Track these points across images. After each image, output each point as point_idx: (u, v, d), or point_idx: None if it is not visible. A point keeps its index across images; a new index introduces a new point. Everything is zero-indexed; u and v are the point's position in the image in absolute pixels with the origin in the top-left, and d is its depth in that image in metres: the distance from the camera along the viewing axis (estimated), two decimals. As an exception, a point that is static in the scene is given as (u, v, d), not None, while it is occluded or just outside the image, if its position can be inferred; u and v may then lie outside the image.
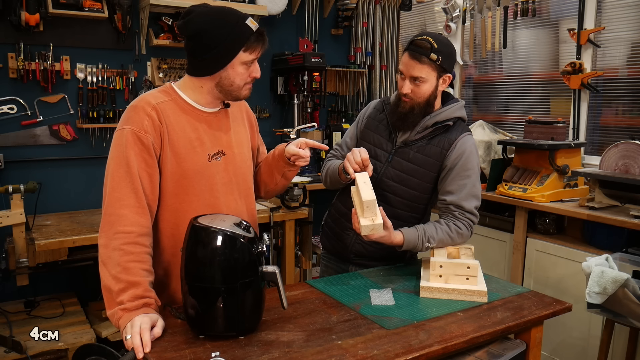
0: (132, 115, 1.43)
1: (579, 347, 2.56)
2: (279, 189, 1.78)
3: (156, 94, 1.50)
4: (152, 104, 1.44)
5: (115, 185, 1.38)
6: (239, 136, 1.63)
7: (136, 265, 1.32)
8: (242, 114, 1.69)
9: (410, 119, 1.74)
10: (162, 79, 3.32)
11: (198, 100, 1.51)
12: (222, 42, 1.41)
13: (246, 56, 1.44)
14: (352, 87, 4.22)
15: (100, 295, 1.33)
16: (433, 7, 4.09)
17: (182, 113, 1.49)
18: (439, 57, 1.66)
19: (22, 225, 2.60)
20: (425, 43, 1.66)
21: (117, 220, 1.35)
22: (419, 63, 1.66)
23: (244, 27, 1.42)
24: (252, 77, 1.49)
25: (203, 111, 1.52)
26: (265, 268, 1.31)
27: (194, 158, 1.48)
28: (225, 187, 1.55)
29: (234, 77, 1.46)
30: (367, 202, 1.54)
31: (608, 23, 2.96)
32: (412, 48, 1.68)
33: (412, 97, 1.71)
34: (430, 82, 1.70)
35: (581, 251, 2.54)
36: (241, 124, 1.66)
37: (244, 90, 1.50)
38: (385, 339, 1.29)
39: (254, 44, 1.43)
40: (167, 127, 1.45)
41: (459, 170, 1.73)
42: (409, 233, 1.69)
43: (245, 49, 1.43)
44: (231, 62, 1.44)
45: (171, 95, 1.50)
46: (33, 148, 3.05)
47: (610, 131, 3.02)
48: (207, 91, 1.50)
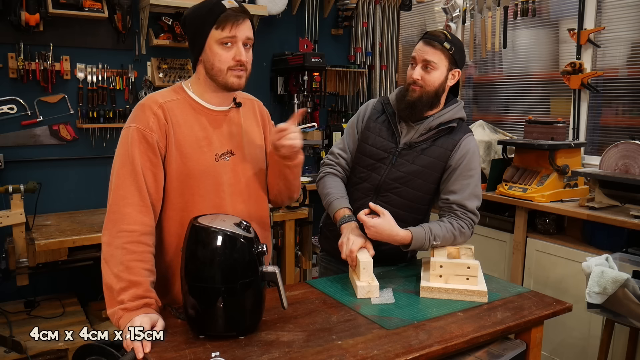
0: (139, 114, 1.44)
1: (579, 347, 2.55)
2: (283, 195, 1.68)
3: (165, 92, 1.51)
4: (159, 103, 1.45)
5: (120, 183, 1.38)
6: (250, 136, 1.60)
7: (138, 265, 1.32)
8: (255, 113, 1.65)
9: (419, 107, 1.74)
10: (162, 79, 3.32)
11: (207, 99, 1.51)
12: (195, 23, 1.43)
13: (218, 33, 1.40)
14: (352, 87, 4.22)
15: (101, 295, 1.34)
16: (433, 7, 4.09)
17: (190, 112, 1.48)
18: (452, 47, 1.71)
19: (22, 225, 2.60)
20: (439, 33, 1.73)
21: (120, 219, 1.35)
22: (432, 48, 1.70)
23: (217, 6, 1.41)
24: (236, 61, 1.43)
25: (212, 110, 1.51)
26: (265, 268, 1.31)
27: (200, 157, 1.47)
28: (232, 187, 1.52)
29: (213, 59, 1.43)
30: (364, 264, 1.56)
31: (608, 23, 2.96)
32: (427, 36, 1.74)
33: (422, 85, 1.72)
34: (440, 71, 1.72)
35: (581, 251, 2.54)
36: (254, 123, 1.63)
37: (229, 76, 1.44)
38: (385, 339, 1.29)
39: (225, 21, 1.39)
40: (174, 125, 1.44)
41: (463, 170, 1.74)
42: (417, 231, 1.68)
43: (217, 27, 1.40)
44: (207, 42, 1.42)
45: (180, 94, 1.50)
46: (33, 148, 3.05)
47: (610, 131, 3.02)
48: (203, 81, 1.49)
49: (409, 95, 1.75)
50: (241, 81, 1.47)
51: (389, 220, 1.63)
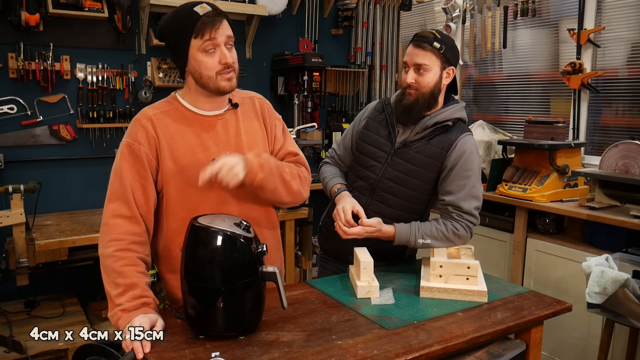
0: (130, 128, 1.47)
1: (579, 347, 2.55)
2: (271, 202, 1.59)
3: (159, 104, 1.52)
4: (149, 116, 1.46)
5: (110, 196, 1.42)
6: (251, 136, 1.56)
7: (130, 269, 1.34)
8: (255, 111, 1.60)
9: (415, 110, 1.75)
10: (162, 79, 3.32)
11: (201, 106, 1.50)
12: (174, 36, 1.42)
13: (199, 42, 1.38)
14: (352, 87, 4.22)
15: (100, 295, 1.35)
16: (433, 7, 4.09)
17: (183, 121, 1.48)
18: (442, 45, 1.70)
19: (22, 225, 2.60)
20: (428, 33, 1.72)
21: (109, 230, 1.38)
22: (422, 50, 1.70)
23: (190, 15, 1.38)
24: (223, 64, 1.41)
25: (206, 115, 1.50)
26: (265, 268, 1.31)
27: (197, 164, 1.44)
28: (234, 191, 1.47)
29: (199, 68, 1.41)
30: (364, 264, 1.57)
31: (608, 23, 2.96)
32: (416, 39, 1.73)
33: (416, 88, 1.72)
34: (433, 72, 1.72)
35: (581, 251, 2.54)
36: (255, 121, 1.59)
37: (219, 81, 1.42)
38: (385, 339, 1.29)
39: (202, 28, 1.37)
40: (165, 137, 1.44)
41: (459, 170, 1.73)
42: (401, 227, 1.72)
43: (195, 36, 1.38)
44: (190, 53, 1.41)
45: (173, 104, 1.50)
46: (33, 148, 3.05)
47: (610, 131, 3.02)
48: (194, 90, 1.48)
49: (405, 99, 1.75)
50: (232, 83, 1.45)
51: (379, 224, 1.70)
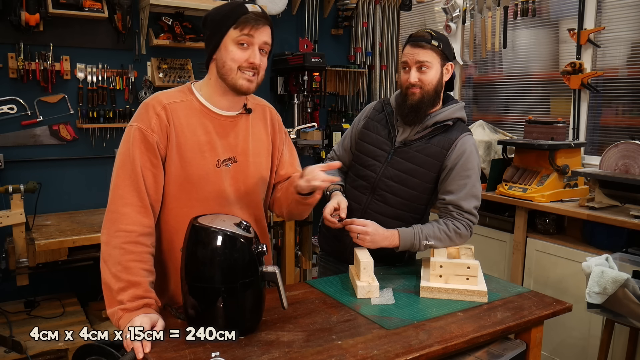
0: (142, 113, 1.43)
1: (579, 347, 2.55)
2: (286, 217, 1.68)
3: (172, 93, 1.49)
4: (163, 103, 1.43)
5: (120, 182, 1.38)
6: (257, 144, 1.57)
7: (137, 265, 1.32)
8: (265, 120, 1.61)
9: (422, 108, 1.74)
10: (162, 79, 3.32)
11: (215, 103, 1.49)
12: (216, 21, 1.43)
13: (236, 33, 1.39)
14: (352, 87, 4.22)
15: (101, 295, 1.34)
16: (433, 7, 4.09)
17: (195, 115, 1.47)
18: (440, 43, 1.71)
19: (22, 225, 2.60)
20: (424, 33, 1.73)
21: (118, 218, 1.35)
22: (422, 49, 1.70)
23: (239, 8, 1.41)
24: (248, 63, 1.41)
25: (219, 114, 1.49)
26: (265, 268, 1.31)
27: (201, 163, 1.45)
28: (231, 195, 1.50)
29: (226, 57, 1.41)
30: (364, 264, 1.57)
31: (608, 23, 2.96)
32: (413, 39, 1.73)
33: (420, 86, 1.72)
34: (435, 69, 1.72)
35: (581, 251, 2.54)
36: (263, 130, 1.59)
37: (238, 77, 1.42)
38: (385, 339, 1.29)
39: (244, 22, 1.39)
40: (176, 128, 1.43)
41: (459, 170, 1.73)
42: (405, 232, 1.71)
43: (235, 26, 1.39)
44: (223, 41, 1.41)
45: (187, 96, 1.49)
46: (33, 148, 3.05)
47: (610, 131, 3.02)
48: (214, 82, 1.47)
49: (410, 99, 1.74)
50: (251, 85, 1.44)
51: (377, 226, 1.69)
